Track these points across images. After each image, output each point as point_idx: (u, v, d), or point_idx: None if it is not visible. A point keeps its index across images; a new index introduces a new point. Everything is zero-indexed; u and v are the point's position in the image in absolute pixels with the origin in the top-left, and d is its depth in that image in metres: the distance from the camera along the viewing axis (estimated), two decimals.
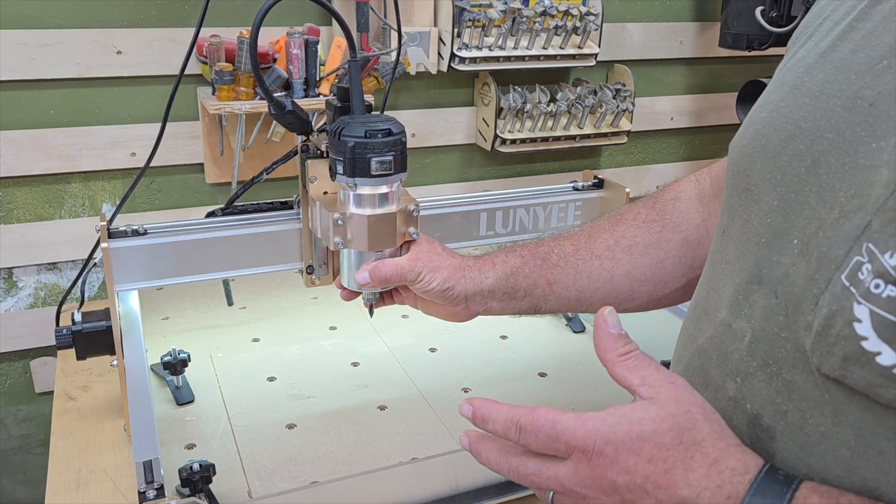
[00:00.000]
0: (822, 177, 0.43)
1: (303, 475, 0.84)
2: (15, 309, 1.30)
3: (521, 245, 0.80)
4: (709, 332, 0.52)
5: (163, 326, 1.16)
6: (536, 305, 0.78)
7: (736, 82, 1.69)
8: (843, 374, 0.40)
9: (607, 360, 0.51)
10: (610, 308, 0.53)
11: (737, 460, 0.45)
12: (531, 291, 0.77)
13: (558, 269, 0.77)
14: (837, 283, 0.40)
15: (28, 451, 1.40)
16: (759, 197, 0.48)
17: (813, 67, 0.47)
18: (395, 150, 0.74)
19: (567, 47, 1.44)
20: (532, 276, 0.77)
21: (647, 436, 0.46)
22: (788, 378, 0.44)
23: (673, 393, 0.48)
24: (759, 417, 0.47)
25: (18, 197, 1.25)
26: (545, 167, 1.63)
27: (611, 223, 0.79)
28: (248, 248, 0.91)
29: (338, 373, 1.04)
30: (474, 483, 0.82)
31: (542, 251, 0.78)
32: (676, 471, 0.45)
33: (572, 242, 0.79)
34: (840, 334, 0.40)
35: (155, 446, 0.71)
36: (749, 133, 0.51)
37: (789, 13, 1.42)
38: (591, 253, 0.77)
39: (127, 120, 1.27)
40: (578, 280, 0.77)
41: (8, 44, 1.16)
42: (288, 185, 1.37)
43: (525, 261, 0.77)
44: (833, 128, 0.44)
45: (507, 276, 0.77)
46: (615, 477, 0.47)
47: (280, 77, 1.22)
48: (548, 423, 0.49)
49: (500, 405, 0.52)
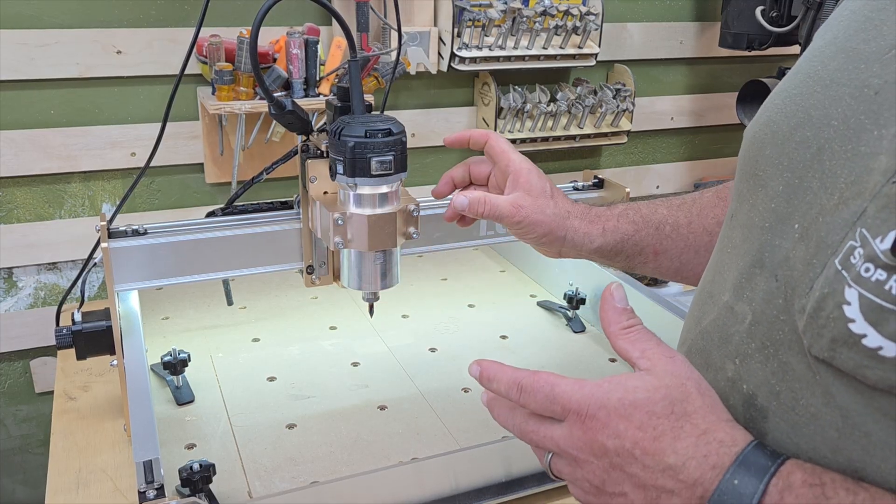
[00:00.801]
0: (825, 163, 0.44)
1: (303, 475, 0.84)
2: (15, 309, 1.30)
3: (635, 207, 0.79)
4: (712, 314, 0.53)
5: (163, 326, 1.16)
6: (631, 266, 0.79)
7: (736, 82, 1.69)
8: (831, 355, 0.41)
9: (610, 333, 0.53)
10: (617, 283, 0.55)
11: (725, 433, 0.46)
12: (634, 256, 0.78)
13: (669, 241, 0.77)
14: (831, 267, 0.41)
15: (28, 451, 1.40)
16: (766, 182, 0.49)
17: (828, 57, 0.48)
18: (395, 149, 0.74)
19: (567, 47, 1.44)
20: (641, 244, 0.77)
21: (640, 403, 0.48)
22: (784, 360, 0.45)
23: (670, 366, 0.50)
24: (754, 398, 0.48)
25: (18, 197, 1.25)
26: (545, 167, 1.63)
27: (719, 198, 0.79)
28: (248, 248, 0.91)
29: (338, 373, 1.04)
30: (474, 483, 0.82)
31: (657, 220, 0.78)
32: (665, 438, 0.47)
33: (685, 214, 0.79)
34: (830, 316, 0.40)
35: (155, 446, 0.71)
36: (762, 120, 0.52)
37: (789, 13, 1.42)
38: (703, 227, 0.78)
39: (127, 120, 1.27)
40: (685, 253, 0.78)
41: (8, 44, 1.16)
42: (288, 185, 1.37)
43: (638, 228, 0.77)
44: (839, 115, 0.44)
45: (615, 242, 0.77)
46: (605, 441, 0.48)
47: (280, 77, 1.22)
48: (547, 385, 0.51)
49: (506, 367, 0.54)
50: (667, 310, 0.99)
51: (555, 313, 1.21)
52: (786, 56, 1.70)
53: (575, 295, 1.16)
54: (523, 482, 0.84)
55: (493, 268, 1.40)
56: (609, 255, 0.78)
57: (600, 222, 0.77)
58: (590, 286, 1.17)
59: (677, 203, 0.80)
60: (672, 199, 0.81)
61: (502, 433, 0.89)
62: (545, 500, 0.85)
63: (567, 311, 1.19)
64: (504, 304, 1.25)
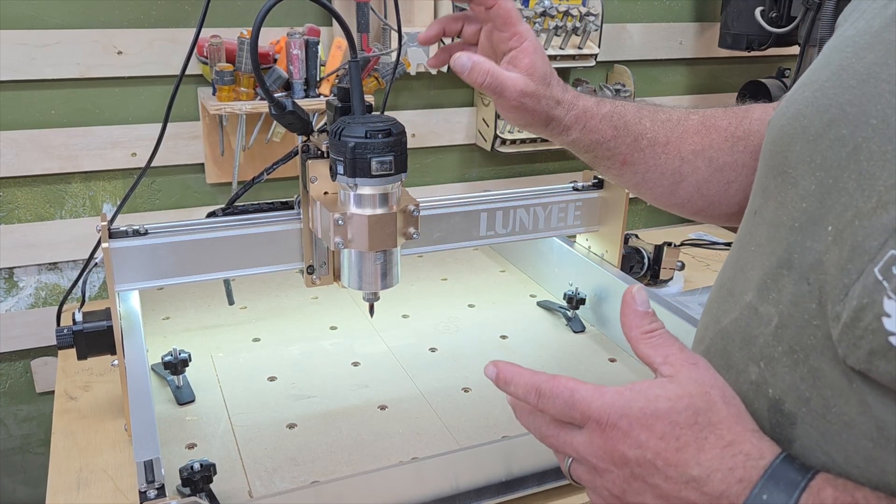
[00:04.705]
0: (862, 163, 0.42)
1: (303, 475, 0.84)
2: (16, 309, 1.31)
3: (621, 111, 0.75)
4: (733, 313, 0.52)
5: (163, 326, 1.16)
6: (595, 165, 0.77)
7: (736, 82, 1.69)
8: (868, 367, 0.40)
9: (632, 337, 0.52)
10: (639, 286, 0.53)
11: (752, 445, 0.45)
12: (602, 159, 0.76)
13: (641, 154, 0.75)
14: (870, 276, 0.39)
15: (29, 450, 1.40)
16: (797, 180, 0.47)
17: (862, 48, 0.45)
18: (395, 150, 0.74)
19: (567, 48, 1.44)
20: (614, 151, 0.75)
21: (662, 413, 0.46)
22: (815, 366, 0.44)
23: (693, 373, 0.48)
24: (781, 403, 0.46)
25: (19, 197, 1.25)
26: (545, 167, 1.64)
27: (704, 126, 0.77)
28: (249, 248, 0.91)
29: (338, 373, 1.04)
30: (474, 483, 0.82)
31: (637, 131, 0.75)
32: (688, 450, 0.45)
33: (666, 132, 0.76)
34: (868, 328, 0.39)
35: (156, 446, 0.71)
36: (790, 113, 0.49)
37: (789, 13, 1.42)
38: (678, 152, 0.75)
39: (127, 120, 1.28)
40: (650, 171, 0.76)
41: (8, 44, 1.17)
42: (288, 185, 1.38)
43: (617, 134, 0.74)
44: (879, 113, 0.42)
45: (591, 142, 0.74)
46: (626, 450, 0.47)
47: (280, 77, 1.22)
48: (566, 390, 0.49)
49: (524, 370, 0.52)
50: (666, 309, 0.99)
51: (555, 313, 1.22)
52: (785, 56, 1.70)
53: (575, 295, 1.17)
54: (523, 482, 0.84)
55: (493, 268, 1.41)
56: (579, 149, 0.76)
57: (584, 120, 0.74)
58: (590, 286, 1.17)
59: (663, 118, 0.77)
60: (659, 112, 0.78)
61: (502, 433, 0.90)
62: (545, 500, 0.85)
63: (567, 311, 1.19)
64: (504, 304, 1.25)
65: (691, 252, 1.56)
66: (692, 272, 1.44)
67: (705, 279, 1.42)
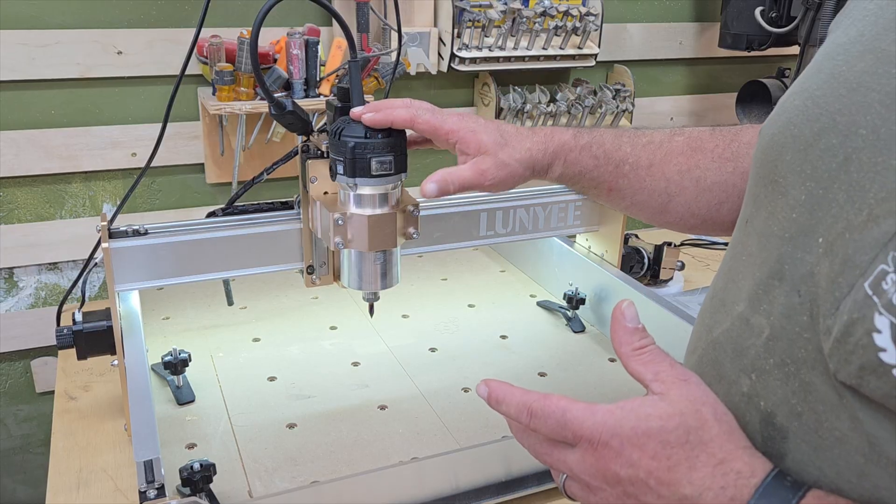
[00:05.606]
0: (852, 175, 0.41)
1: (303, 475, 0.84)
2: (16, 309, 1.31)
3: (600, 140, 0.78)
4: (725, 324, 0.51)
5: (163, 326, 1.16)
6: (583, 194, 0.81)
7: (736, 82, 1.69)
8: (858, 382, 0.39)
9: (622, 354, 0.51)
10: (629, 301, 0.53)
11: (744, 463, 0.45)
12: (588, 189, 0.79)
13: (625, 180, 0.77)
14: (860, 291, 0.39)
15: (29, 450, 1.40)
16: (787, 190, 0.46)
17: (854, 56, 0.44)
18: (395, 150, 0.75)
19: (567, 48, 1.44)
20: (598, 180, 0.77)
21: (653, 432, 0.46)
22: (806, 379, 0.43)
23: (685, 390, 0.48)
24: (773, 416, 0.46)
25: (19, 197, 1.25)
26: None
27: (690, 147, 0.77)
28: (249, 248, 0.91)
29: (338, 372, 1.04)
30: (474, 483, 0.82)
31: (619, 157, 0.77)
32: (680, 469, 0.45)
33: (648, 155, 0.77)
34: (859, 343, 0.39)
35: (156, 446, 0.71)
36: (781, 121, 0.49)
37: (789, 13, 1.42)
38: (662, 174, 0.76)
39: (127, 120, 1.28)
40: (638, 194, 0.77)
41: (8, 44, 1.17)
42: (288, 185, 1.38)
43: (598, 164, 0.76)
44: (869, 124, 0.41)
45: (574, 174, 0.77)
46: (618, 469, 0.47)
47: (280, 77, 1.22)
48: (558, 410, 0.49)
49: (515, 389, 0.52)
50: (666, 309, 0.99)
51: (555, 313, 1.22)
52: (785, 56, 1.70)
53: (575, 295, 1.16)
54: (523, 482, 0.84)
55: (493, 268, 1.40)
56: (566, 182, 0.79)
57: (563, 154, 0.76)
58: (590, 286, 1.17)
59: (644, 141, 0.78)
60: (639, 136, 0.79)
61: (502, 433, 0.90)
62: (545, 500, 0.85)
63: (567, 311, 1.19)
64: (504, 304, 1.25)
65: (691, 252, 1.56)
66: (692, 272, 1.44)
67: (705, 279, 1.42)
